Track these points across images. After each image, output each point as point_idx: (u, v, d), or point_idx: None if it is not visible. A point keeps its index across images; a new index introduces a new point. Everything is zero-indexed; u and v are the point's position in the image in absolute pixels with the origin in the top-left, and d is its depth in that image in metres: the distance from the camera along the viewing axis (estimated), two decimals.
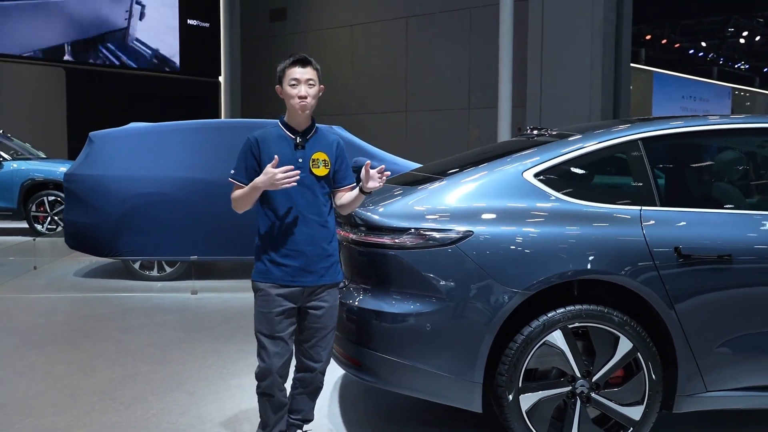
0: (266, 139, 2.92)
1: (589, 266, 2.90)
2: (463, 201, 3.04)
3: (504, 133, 14.01)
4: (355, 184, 3.03)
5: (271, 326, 2.91)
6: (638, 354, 2.96)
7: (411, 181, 3.48)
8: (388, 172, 2.88)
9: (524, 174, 3.08)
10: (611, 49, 16.60)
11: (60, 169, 10.00)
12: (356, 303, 3.06)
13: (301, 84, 2.87)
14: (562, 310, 2.93)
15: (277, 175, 2.73)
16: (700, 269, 2.95)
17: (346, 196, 2.99)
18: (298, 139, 2.91)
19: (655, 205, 3.05)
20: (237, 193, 2.92)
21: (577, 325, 2.94)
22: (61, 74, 17.50)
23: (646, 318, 3.01)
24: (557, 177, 3.11)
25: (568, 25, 16.19)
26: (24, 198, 10.03)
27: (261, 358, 2.95)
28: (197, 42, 20.58)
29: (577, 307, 2.94)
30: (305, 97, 2.87)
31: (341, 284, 3.08)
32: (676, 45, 25.28)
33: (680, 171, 3.44)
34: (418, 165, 7.52)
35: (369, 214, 3.06)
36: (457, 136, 18.92)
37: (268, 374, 2.92)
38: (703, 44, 25.76)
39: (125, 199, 6.67)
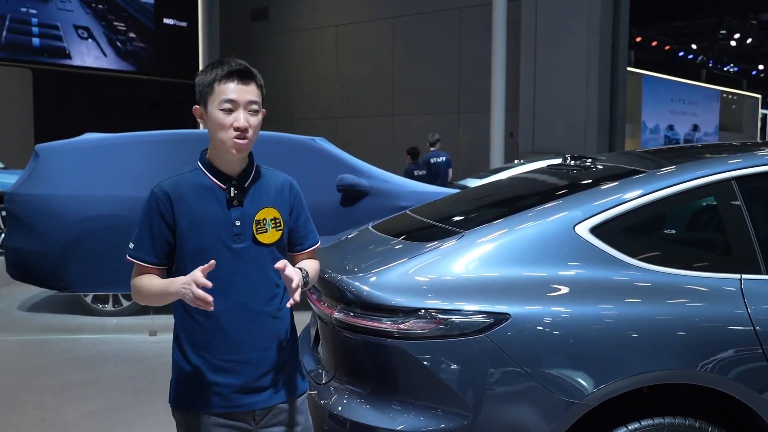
0: (182, 192, 1.87)
1: (677, 365, 2.04)
2: (491, 267, 2.15)
3: (496, 139, 13.31)
4: (319, 242, 2.06)
5: None
6: None
7: (412, 232, 2.60)
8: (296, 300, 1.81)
9: (576, 228, 2.20)
10: (608, 51, 15.89)
11: None
12: (341, 411, 2.17)
13: (240, 109, 1.83)
14: (636, 425, 2.06)
15: (194, 290, 1.72)
16: None
17: (308, 265, 1.97)
18: (233, 191, 1.88)
19: (761, 273, 2.19)
20: (140, 281, 1.91)
21: None
22: (27, 75, 16.43)
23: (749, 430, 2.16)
24: (622, 232, 2.24)
25: (563, 26, 15.53)
26: None
27: None
28: (174, 42, 19.60)
29: (657, 420, 2.07)
30: (245, 131, 1.83)
31: (306, 392, 2.03)
32: (666, 47, 24.82)
33: None
34: (414, 182, 6.69)
35: (358, 284, 2.17)
36: (446, 142, 18.11)
37: None
38: (693, 46, 25.37)
39: (75, 223, 5.77)
